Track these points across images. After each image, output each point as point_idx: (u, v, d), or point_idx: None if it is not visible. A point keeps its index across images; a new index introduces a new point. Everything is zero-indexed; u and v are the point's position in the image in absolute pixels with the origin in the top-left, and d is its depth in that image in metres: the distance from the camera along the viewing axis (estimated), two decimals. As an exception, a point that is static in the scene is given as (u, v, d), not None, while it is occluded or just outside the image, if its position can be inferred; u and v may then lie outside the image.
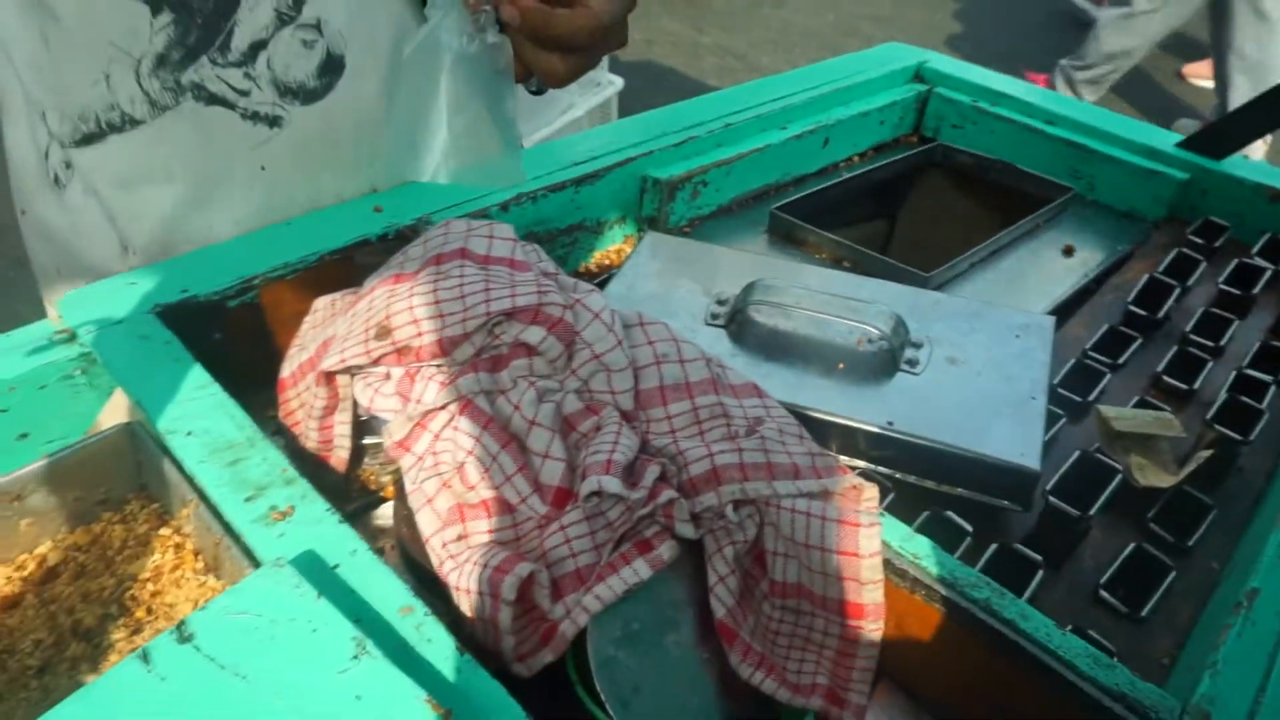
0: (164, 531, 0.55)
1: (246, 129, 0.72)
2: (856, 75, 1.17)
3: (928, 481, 0.65)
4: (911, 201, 1.20)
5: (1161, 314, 0.87)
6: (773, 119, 1.04)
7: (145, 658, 0.39)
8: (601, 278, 0.84)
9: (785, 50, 3.91)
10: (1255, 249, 0.96)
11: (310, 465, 0.59)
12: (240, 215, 0.75)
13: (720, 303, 0.76)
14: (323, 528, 0.48)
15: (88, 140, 0.70)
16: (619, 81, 2.54)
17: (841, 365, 0.70)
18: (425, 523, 0.53)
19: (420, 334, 0.54)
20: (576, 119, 2.41)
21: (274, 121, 0.72)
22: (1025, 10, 4.32)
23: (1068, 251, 1.00)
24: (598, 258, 0.91)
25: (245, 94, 0.70)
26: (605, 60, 2.50)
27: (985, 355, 0.71)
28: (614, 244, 0.93)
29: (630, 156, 0.89)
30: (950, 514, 0.62)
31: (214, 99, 0.70)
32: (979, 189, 1.15)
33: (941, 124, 1.21)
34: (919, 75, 1.24)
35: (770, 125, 1.03)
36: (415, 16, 0.77)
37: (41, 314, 0.69)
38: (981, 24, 4.21)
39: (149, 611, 0.51)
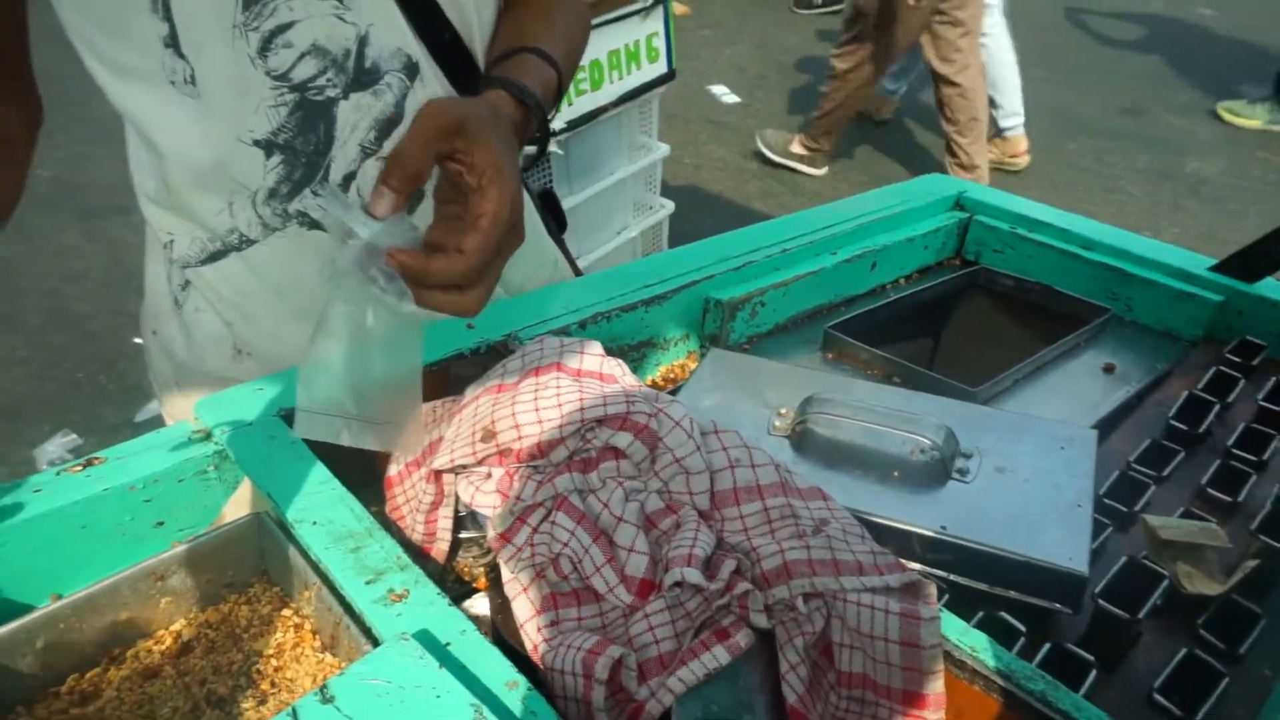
0: (285, 612, 0.61)
1: None
2: (901, 204, 1.25)
3: (980, 583, 0.69)
4: (955, 321, 1.26)
5: (1203, 429, 0.91)
6: (824, 244, 1.12)
7: (295, 715, 0.44)
8: (668, 390, 0.91)
9: (829, 176, 4.07)
10: (1292, 368, 1.00)
11: (413, 556, 0.65)
12: None
13: (781, 415, 0.82)
14: (435, 609, 0.54)
15: (214, 258, 0.81)
16: (670, 205, 2.68)
17: (897, 473, 0.75)
18: (520, 609, 0.58)
19: (521, 438, 0.60)
20: (631, 239, 2.55)
21: None
22: (1054, 141, 4.48)
23: (1108, 369, 1.05)
24: (663, 371, 0.98)
25: None
26: (658, 184, 2.65)
27: (1032, 465, 0.76)
28: (679, 359, 1.00)
29: (694, 280, 0.98)
30: (1004, 614, 0.66)
31: (315, 225, 0.80)
32: (1019, 310, 1.21)
33: (982, 248, 1.29)
34: (959, 204, 1.32)
35: (822, 250, 1.12)
36: None
37: (126, 419, 0.77)
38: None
39: (273, 684, 0.57)
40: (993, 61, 3.73)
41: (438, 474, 0.63)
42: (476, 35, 0.82)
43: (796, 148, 3.97)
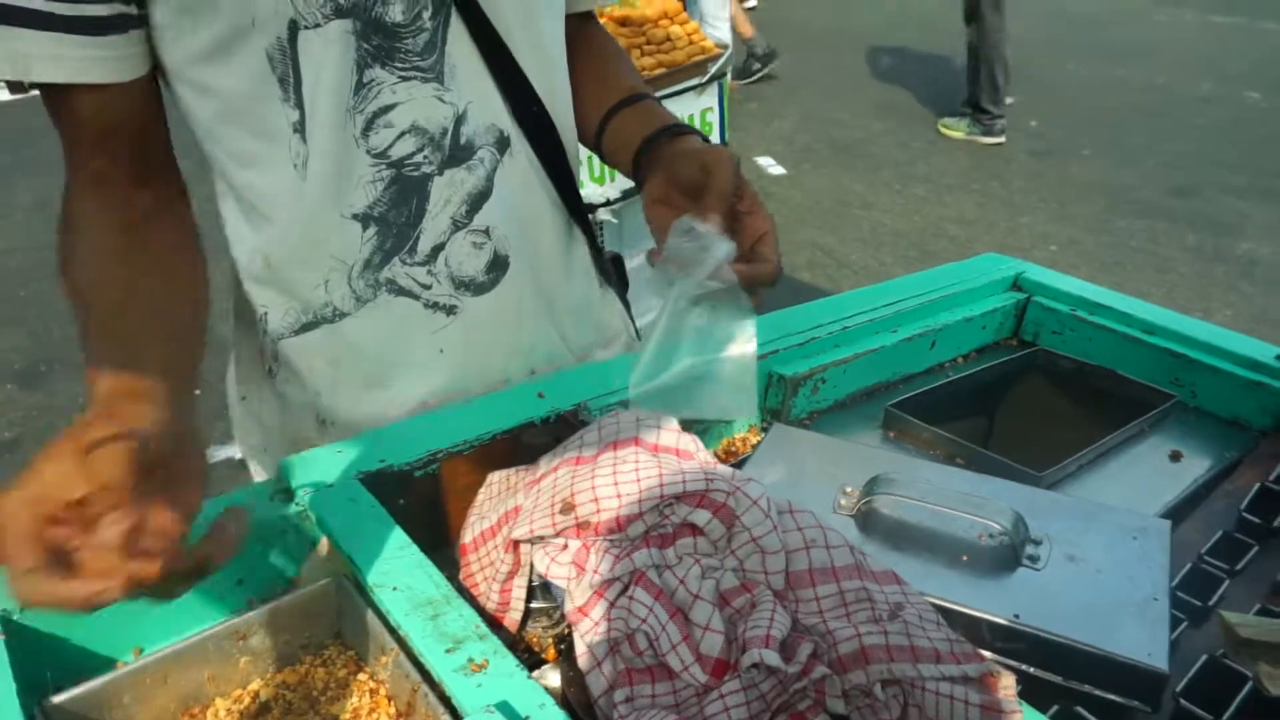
0: (361, 677, 0.62)
1: (428, 316, 0.84)
2: (960, 283, 1.26)
3: (1054, 676, 0.68)
4: (1013, 402, 1.26)
5: (1277, 524, 0.89)
6: (885, 323, 1.13)
7: (383, 785, 0.45)
8: (731, 464, 0.92)
9: (874, 248, 4.10)
10: (1367, 463, 0.98)
11: (487, 624, 0.65)
12: (421, 392, 0.86)
13: (846, 494, 0.82)
14: (515, 681, 0.54)
15: (305, 329, 0.84)
16: (719, 274, 2.71)
17: (965, 558, 0.75)
18: (594, 683, 0.58)
19: (599, 511, 0.61)
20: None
21: (450, 310, 0.85)
22: (1103, 219, 4.47)
23: (1175, 457, 1.03)
24: (725, 445, 0.99)
25: (428, 287, 0.83)
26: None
27: (1104, 555, 0.75)
28: (740, 432, 1.01)
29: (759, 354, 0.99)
30: (1080, 709, 0.65)
31: (402, 291, 0.83)
32: (1079, 392, 1.21)
33: (1041, 330, 1.29)
34: (1017, 284, 1.33)
35: (883, 328, 1.13)
36: (565, 227, 0.91)
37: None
38: (1064, 225, 4.37)
39: (348, 750, 0.57)
40: None
41: (515, 543, 0.64)
42: (559, 103, 0.87)
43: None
